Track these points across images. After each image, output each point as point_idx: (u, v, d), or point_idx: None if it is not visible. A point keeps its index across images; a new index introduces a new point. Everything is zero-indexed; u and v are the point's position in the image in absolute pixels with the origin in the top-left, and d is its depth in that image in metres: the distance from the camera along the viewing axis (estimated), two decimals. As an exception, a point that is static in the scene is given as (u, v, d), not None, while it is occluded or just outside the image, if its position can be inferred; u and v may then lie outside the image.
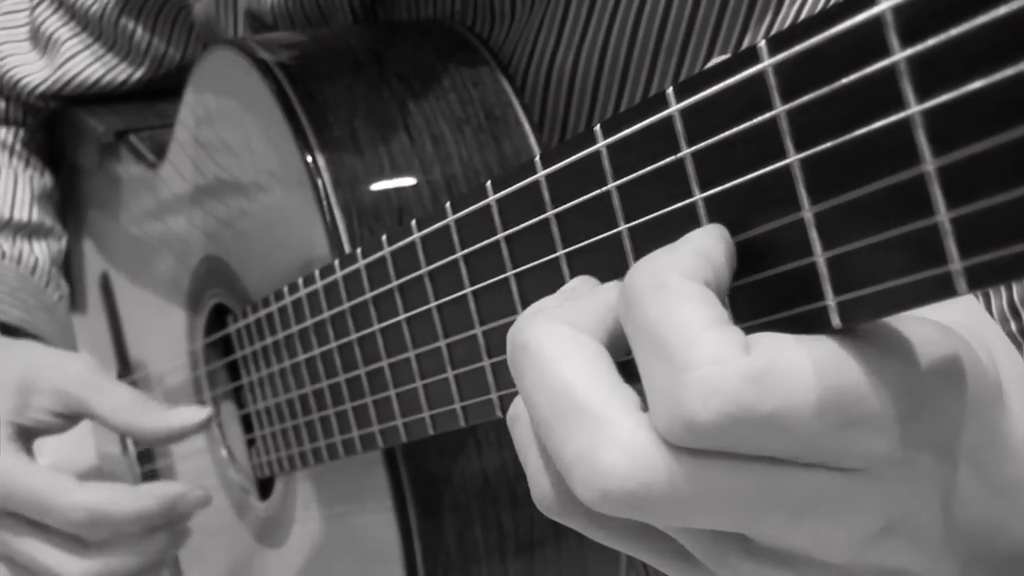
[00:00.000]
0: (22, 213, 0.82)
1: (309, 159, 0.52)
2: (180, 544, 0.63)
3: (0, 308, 0.74)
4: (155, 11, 0.79)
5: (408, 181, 0.52)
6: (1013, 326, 0.42)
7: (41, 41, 0.82)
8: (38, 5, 0.82)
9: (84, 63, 0.81)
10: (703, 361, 0.24)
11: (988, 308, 0.42)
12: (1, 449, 0.61)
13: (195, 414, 0.62)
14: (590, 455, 0.25)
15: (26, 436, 0.64)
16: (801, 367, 0.24)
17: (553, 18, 0.53)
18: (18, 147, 0.84)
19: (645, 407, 0.25)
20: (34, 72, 0.82)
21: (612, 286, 0.28)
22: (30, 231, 0.82)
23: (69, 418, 0.66)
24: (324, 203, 0.52)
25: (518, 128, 0.55)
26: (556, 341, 0.26)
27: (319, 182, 0.52)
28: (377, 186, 0.52)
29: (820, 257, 0.24)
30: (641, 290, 0.25)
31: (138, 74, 0.81)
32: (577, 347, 0.26)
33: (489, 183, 0.35)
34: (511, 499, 0.52)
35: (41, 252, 0.82)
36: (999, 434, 0.29)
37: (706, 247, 0.26)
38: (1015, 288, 0.42)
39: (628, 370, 0.26)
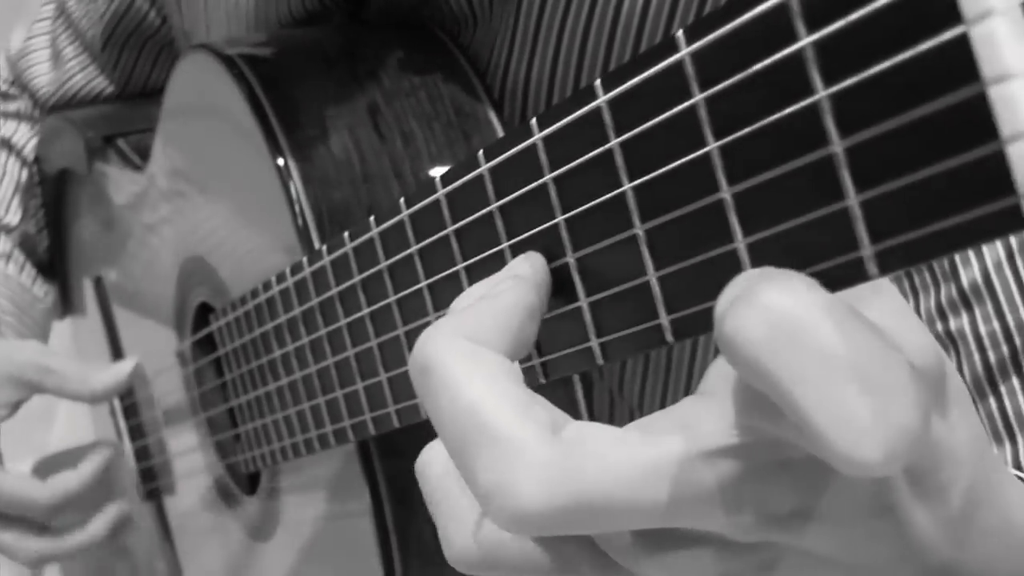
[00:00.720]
0: (15, 217, 0.84)
1: (280, 161, 0.52)
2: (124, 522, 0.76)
3: None
4: (137, 46, 0.82)
5: (378, 178, 0.52)
6: (940, 327, 0.42)
7: (54, 54, 0.85)
8: (57, 18, 0.85)
9: (82, 81, 0.85)
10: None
11: (917, 309, 0.42)
12: None
13: (120, 370, 0.72)
14: (506, 483, 0.23)
15: None
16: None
17: (507, 27, 0.53)
18: (25, 150, 0.87)
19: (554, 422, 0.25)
20: (46, 85, 0.87)
21: (505, 283, 0.28)
22: (20, 231, 0.85)
23: (20, 403, 0.73)
24: (296, 204, 0.51)
25: (487, 124, 0.55)
26: (459, 361, 0.25)
27: (289, 182, 0.52)
28: (347, 184, 0.52)
29: (741, 243, 0.24)
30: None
31: (110, 89, 0.86)
32: (481, 365, 0.25)
33: (438, 178, 0.35)
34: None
35: (31, 244, 0.86)
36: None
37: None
38: (942, 289, 0.42)
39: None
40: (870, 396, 0.20)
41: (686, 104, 0.24)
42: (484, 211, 0.32)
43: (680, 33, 0.24)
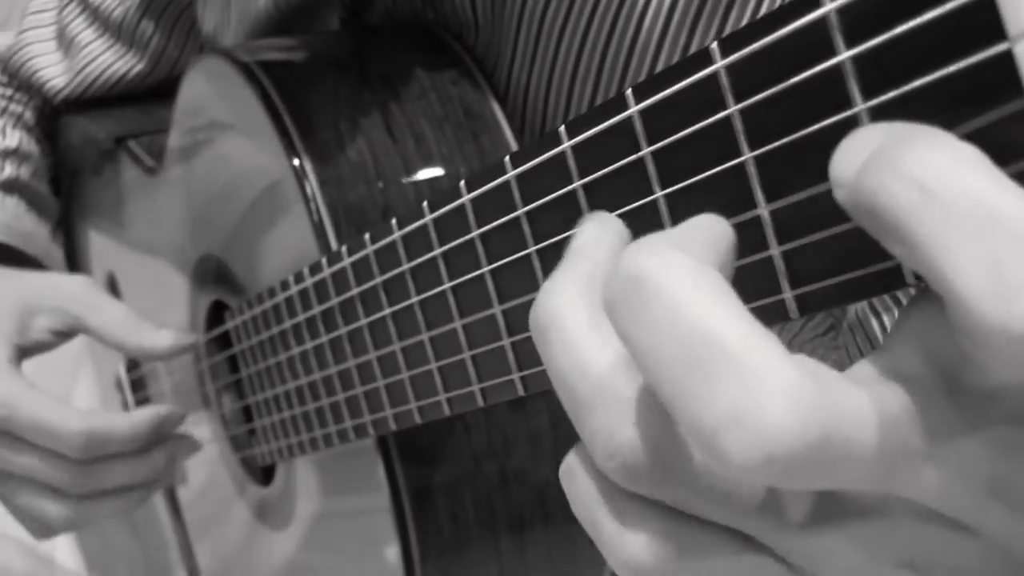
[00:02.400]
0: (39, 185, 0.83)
1: (296, 162, 0.52)
2: (173, 468, 0.66)
3: (22, 237, 0.76)
4: (172, 18, 0.79)
5: (391, 179, 0.52)
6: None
7: (64, 42, 0.82)
8: (66, 7, 0.82)
9: (107, 62, 0.81)
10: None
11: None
12: (4, 370, 0.61)
13: (180, 338, 0.64)
14: (749, 410, 0.19)
15: (23, 355, 0.65)
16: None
17: (509, 33, 0.53)
18: (40, 135, 0.85)
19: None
20: (58, 75, 0.83)
21: (715, 222, 0.24)
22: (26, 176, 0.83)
23: (66, 335, 0.67)
24: (311, 203, 0.51)
25: (496, 124, 0.54)
26: (681, 274, 0.20)
27: (305, 183, 0.51)
28: (362, 185, 0.51)
29: (776, 251, 0.24)
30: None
31: (139, 67, 0.82)
32: (708, 281, 0.20)
33: (463, 183, 0.34)
34: (500, 479, 0.52)
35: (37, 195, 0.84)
36: None
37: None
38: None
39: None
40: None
41: (721, 115, 0.24)
42: (512, 215, 0.32)
43: (714, 45, 0.24)
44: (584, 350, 0.22)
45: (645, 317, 0.20)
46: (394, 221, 0.39)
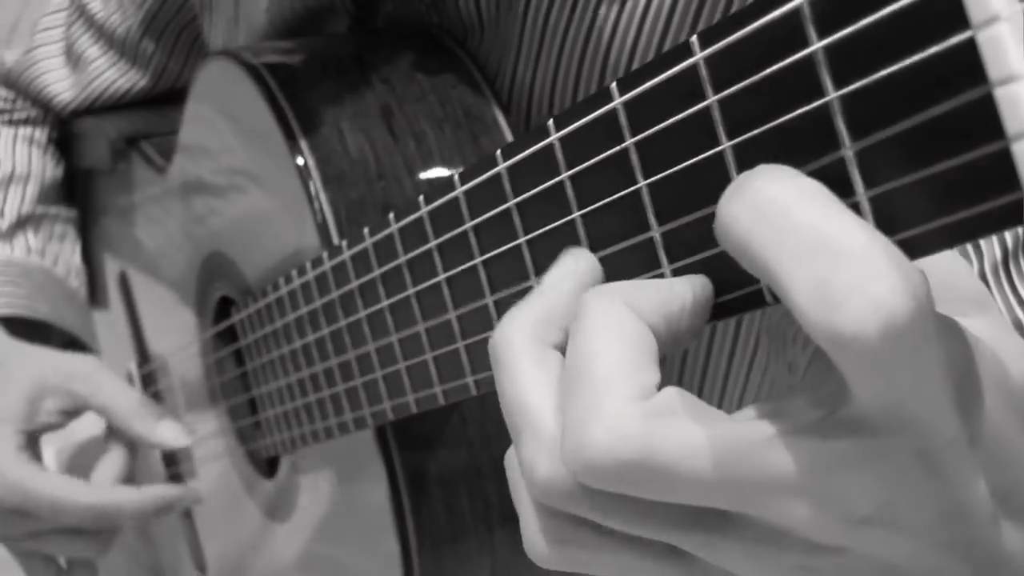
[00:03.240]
0: (47, 208, 0.83)
1: (300, 160, 0.52)
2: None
3: (30, 306, 0.75)
4: (173, 36, 0.80)
5: (392, 177, 0.52)
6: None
7: (73, 58, 0.83)
8: (73, 24, 0.82)
9: (112, 78, 0.82)
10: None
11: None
12: (14, 459, 0.64)
13: (176, 438, 0.68)
14: (581, 427, 0.23)
15: (34, 439, 0.67)
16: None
17: (513, 35, 0.53)
18: (44, 142, 0.85)
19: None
20: (66, 90, 0.84)
21: (683, 280, 0.27)
22: (52, 221, 0.83)
23: (73, 414, 0.69)
24: (315, 202, 0.51)
25: (495, 126, 0.55)
26: (602, 316, 0.25)
27: (310, 182, 0.51)
28: (363, 183, 0.52)
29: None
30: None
31: (142, 83, 0.82)
32: (618, 328, 0.25)
33: (456, 176, 0.35)
34: (494, 471, 0.52)
35: (63, 242, 0.84)
36: None
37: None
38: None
39: None
40: (847, 269, 0.19)
41: (700, 105, 0.24)
42: (503, 207, 0.32)
43: (694, 39, 0.24)
44: (522, 384, 0.26)
45: (575, 335, 0.25)
46: (391, 215, 0.40)
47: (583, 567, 0.27)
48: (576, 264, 0.29)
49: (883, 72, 0.20)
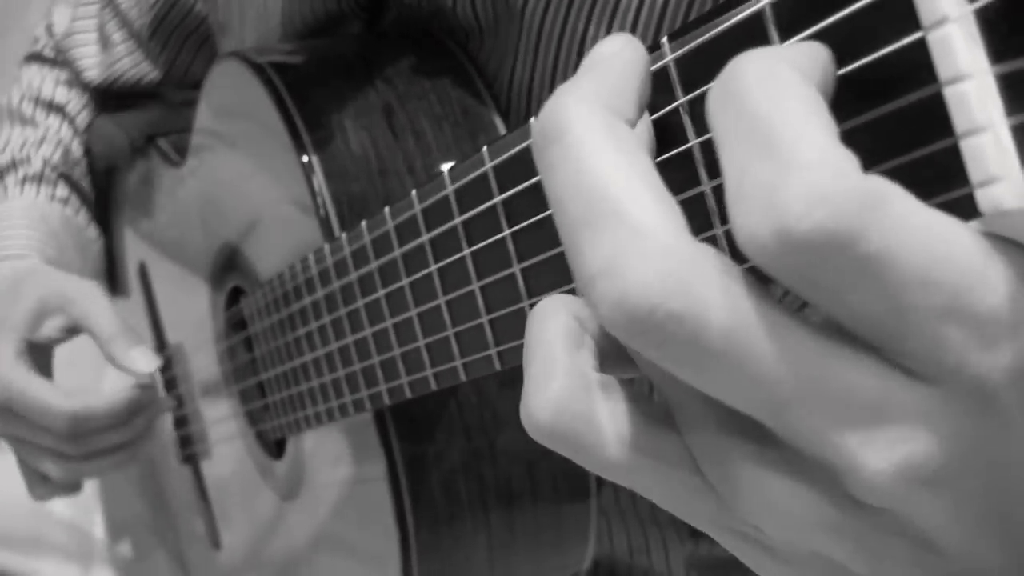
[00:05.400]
0: (70, 167, 0.84)
1: (304, 158, 0.52)
2: (153, 430, 0.75)
3: (41, 250, 0.78)
4: (180, 40, 0.81)
5: (393, 173, 0.52)
6: None
7: (103, 38, 0.84)
8: (105, 7, 0.84)
9: (127, 66, 0.83)
10: (816, 164, 0.17)
11: None
12: (12, 361, 0.68)
13: (145, 364, 0.69)
14: (617, 265, 0.18)
15: (36, 350, 0.71)
16: (922, 220, 0.17)
17: (511, 39, 0.53)
18: (77, 119, 0.86)
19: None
20: (93, 66, 0.85)
21: (626, 44, 0.22)
22: (76, 177, 0.85)
23: (73, 331, 0.73)
24: (319, 197, 0.51)
25: (491, 124, 0.54)
26: (597, 131, 0.20)
27: (313, 177, 0.51)
28: (364, 178, 0.52)
29: (720, 231, 0.24)
30: (750, 75, 0.18)
31: (152, 75, 0.83)
32: (621, 142, 0.20)
33: (447, 173, 0.35)
34: (491, 454, 0.52)
35: (84, 194, 0.86)
36: None
37: (819, 56, 0.20)
38: None
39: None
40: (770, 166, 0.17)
41: (671, 106, 0.24)
42: (489, 203, 0.32)
43: (664, 39, 0.24)
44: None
45: (554, 170, 0.20)
46: (387, 210, 0.40)
47: (590, 454, 0.21)
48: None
49: (841, 71, 0.20)
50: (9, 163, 0.83)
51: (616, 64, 0.22)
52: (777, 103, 0.18)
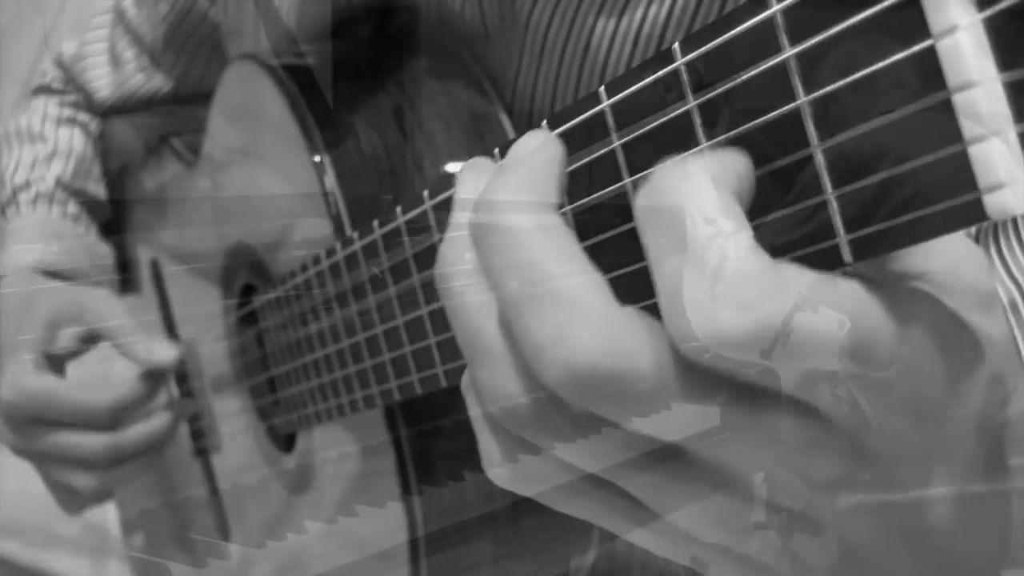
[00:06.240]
0: (86, 183, 0.85)
1: (316, 157, 0.52)
2: (175, 427, 0.73)
3: (55, 264, 0.78)
4: (193, 49, 0.81)
5: (402, 173, 0.52)
6: None
7: (114, 58, 0.84)
8: (116, 26, 0.83)
9: (140, 82, 0.83)
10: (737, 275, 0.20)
11: None
12: (32, 373, 0.67)
13: (165, 354, 0.70)
14: (565, 334, 0.21)
15: (54, 361, 0.70)
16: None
17: (516, 43, 0.53)
18: (91, 126, 0.86)
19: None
20: (105, 87, 0.85)
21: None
22: (90, 187, 0.85)
23: (89, 341, 0.72)
24: (330, 196, 0.51)
25: (499, 125, 0.54)
26: (528, 221, 0.23)
27: (324, 177, 0.52)
28: (375, 178, 0.52)
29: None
30: (673, 187, 0.22)
31: (165, 89, 0.83)
32: (551, 228, 0.23)
33: (457, 174, 0.35)
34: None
35: (95, 208, 0.86)
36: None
37: (735, 163, 0.23)
38: None
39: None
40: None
41: (682, 108, 0.24)
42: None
43: (676, 46, 0.24)
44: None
45: (497, 255, 0.23)
46: (398, 208, 0.40)
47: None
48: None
49: (851, 77, 0.20)
50: (22, 183, 0.83)
51: (539, 158, 0.26)
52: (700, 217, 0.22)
